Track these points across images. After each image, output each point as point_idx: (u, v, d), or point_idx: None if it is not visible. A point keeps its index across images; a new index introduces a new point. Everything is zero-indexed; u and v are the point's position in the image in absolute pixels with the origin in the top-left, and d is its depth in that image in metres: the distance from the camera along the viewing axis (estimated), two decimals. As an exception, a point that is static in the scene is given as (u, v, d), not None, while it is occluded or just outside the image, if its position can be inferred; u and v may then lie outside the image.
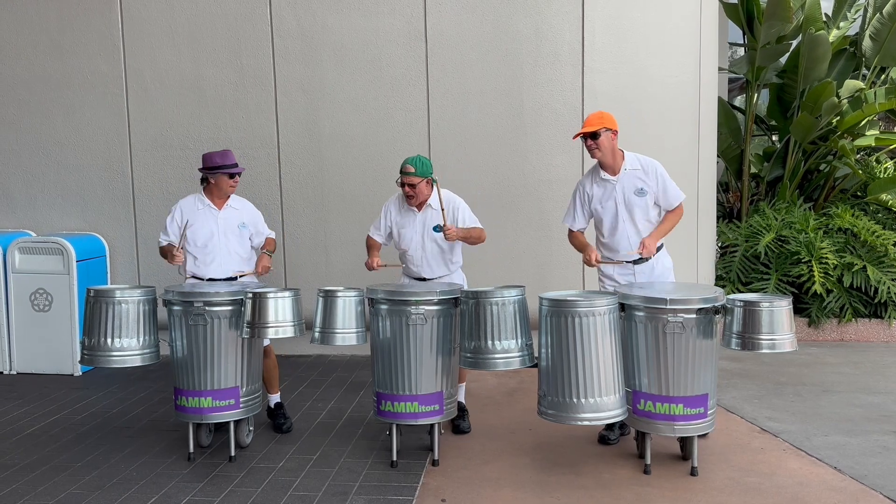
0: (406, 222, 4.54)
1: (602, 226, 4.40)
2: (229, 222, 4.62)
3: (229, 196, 4.67)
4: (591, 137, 4.24)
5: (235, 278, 4.60)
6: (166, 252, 4.58)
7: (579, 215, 4.49)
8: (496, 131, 6.29)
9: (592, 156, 4.32)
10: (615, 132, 4.28)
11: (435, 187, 4.47)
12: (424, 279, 4.54)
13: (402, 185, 4.42)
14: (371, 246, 4.68)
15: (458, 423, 4.62)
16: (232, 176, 4.58)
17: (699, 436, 3.94)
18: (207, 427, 4.36)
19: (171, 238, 4.61)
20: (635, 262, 4.34)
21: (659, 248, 4.38)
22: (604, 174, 4.36)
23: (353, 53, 6.34)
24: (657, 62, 6.24)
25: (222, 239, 4.59)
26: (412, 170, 4.37)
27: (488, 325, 3.82)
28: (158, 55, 6.49)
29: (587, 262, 4.37)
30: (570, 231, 4.56)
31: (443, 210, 4.39)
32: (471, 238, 4.52)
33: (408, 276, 4.64)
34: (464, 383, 4.72)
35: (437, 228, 4.46)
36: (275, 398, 4.79)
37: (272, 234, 4.90)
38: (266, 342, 4.61)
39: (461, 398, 4.71)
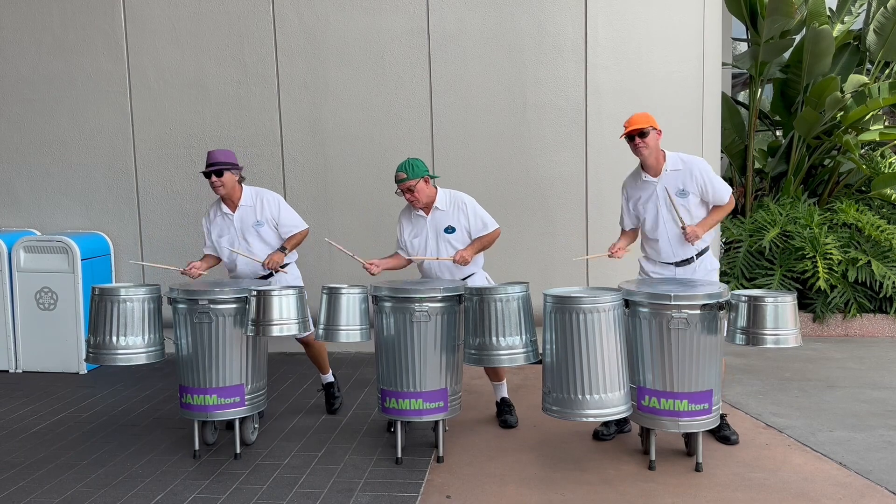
0: (418, 230, 4.50)
1: (644, 225, 4.37)
2: (245, 223, 4.59)
3: (239, 196, 4.60)
4: (639, 136, 4.17)
5: (270, 275, 4.59)
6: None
7: (628, 217, 4.46)
8: (499, 128, 6.29)
9: (638, 154, 4.24)
10: (660, 132, 4.23)
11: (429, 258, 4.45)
12: None
13: (402, 193, 4.40)
14: (393, 256, 4.61)
15: (506, 418, 4.64)
16: (208, 175, 4.50)
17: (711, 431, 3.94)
18: (213, 424, 4.37)
19: (208, 248, 4.72)
20: (678, 263, 4.31)
21: (704, 252, 4.34)
22: (645, 176, 4.31)
23: (355, 51, 6.34)
24: (660, 58, 6.23)
25: (242, 243, 4.59)
26: (404, 175, 4.33)
27: (492, 321, 3.83)
28: (161, 53, 6.50)
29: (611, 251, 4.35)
30: (623, 231, 4.54)
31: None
32: (484, 246, 4.51)
33: None
34: (503, 381, 4.74)
35: (448, 230, 4.45)
36: (326, 378, 4.95)
37: (299, 228, 4.68)
38: (307, 333, 4.50)
39: (504, 393, 4.74)
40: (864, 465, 3.96)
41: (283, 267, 4.59)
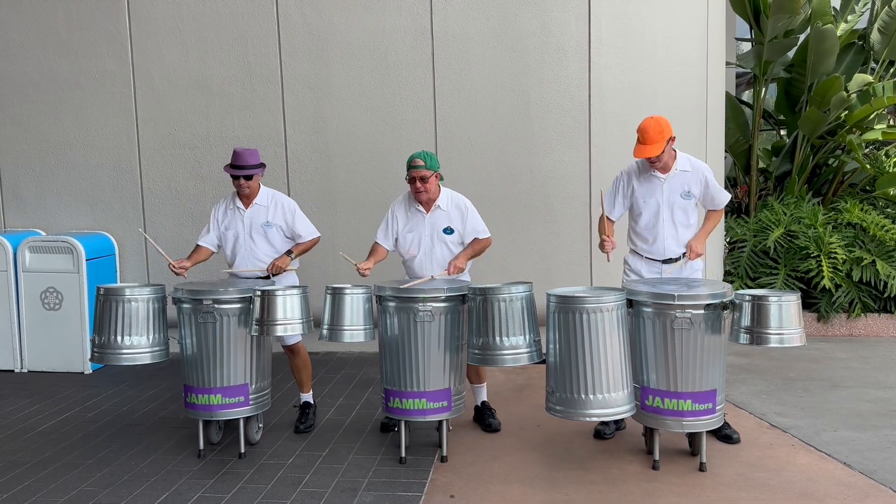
0: (413, 224, 4.44)
1: (639, 219, 4.34)
2: (254, 221, 4.59)
3: (256, 194, 4.60)
4: (655, 159, 4.16)
5: (267, 276, 4.56)
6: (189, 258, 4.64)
7: (617, 204, 4.40)
8: (503, 128, 6.28)
9: (653, 168, 4.25)
10: (673, 139, 4.15)
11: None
12: None
13: (412, 180, 4.31)
14: (375, 252, 4.47)
15: (490, 422, 4.61)
16: (236, 178, 4.51)
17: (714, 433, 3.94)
18: (217, 424, 4.37)
19: (204, 239, 4.66)
20: (664, 260, 4.32)
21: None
22: (654, 171, 4.27)
23: (359, 51, 6.34)
24: (664, 57, 6.22)
25: (247, 240, 4.59)
26: (421, 163, 4.29)
27: (496, 321, 3.83)
28: (166, 54, 6.52)
29: (601, 248, 4.30)
30: (602, 217, 4.49)
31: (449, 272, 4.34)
32: (476, 254, 4.48)
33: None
34: (484, 383, 4.72)
35: (448, 230, 4.43)
36: (305, 396, 4.76)
37: (312, 236, 4.69)
38: (296, 339, 4.58)
39: (484, 397, 4.72)
40: (869, 465, 3.96)
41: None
